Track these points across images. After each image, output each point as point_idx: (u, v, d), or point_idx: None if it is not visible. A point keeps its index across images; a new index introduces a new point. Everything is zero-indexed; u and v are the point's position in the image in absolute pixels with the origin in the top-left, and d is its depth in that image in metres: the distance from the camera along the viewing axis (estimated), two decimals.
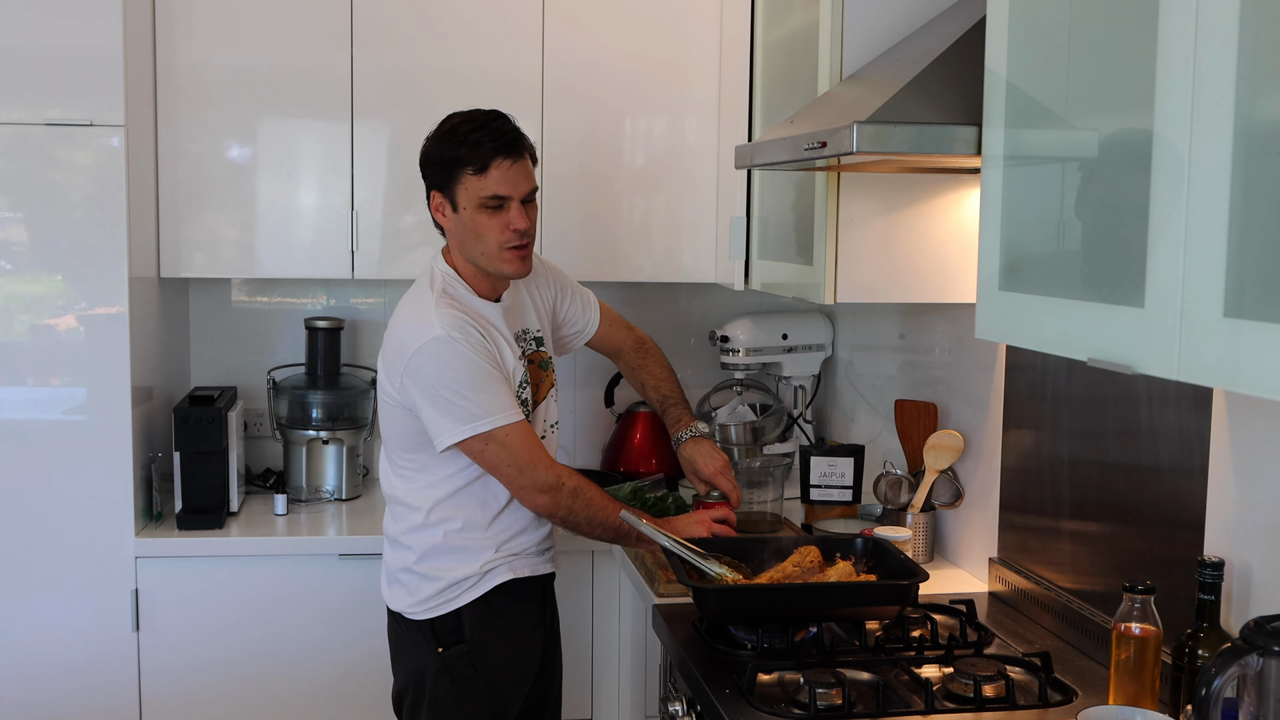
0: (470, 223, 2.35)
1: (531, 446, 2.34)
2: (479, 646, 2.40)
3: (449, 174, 2.34)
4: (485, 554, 2.41)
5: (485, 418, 2.30)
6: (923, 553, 2.75)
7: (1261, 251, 1.26)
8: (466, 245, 2.38)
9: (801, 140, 2.06)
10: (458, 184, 2.34)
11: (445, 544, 2.41)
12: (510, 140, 2.34)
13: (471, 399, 2.30)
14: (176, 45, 3.11)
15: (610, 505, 2.40)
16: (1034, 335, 1.67)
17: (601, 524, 2.40)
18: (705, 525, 2.47)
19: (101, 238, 2.89)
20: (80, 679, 2.95)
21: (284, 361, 3.51)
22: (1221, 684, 1.42)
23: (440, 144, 2.36)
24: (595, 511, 2.38)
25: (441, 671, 2.40)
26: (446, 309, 2.34)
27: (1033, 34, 1.69)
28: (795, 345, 3.43)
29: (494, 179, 2.32)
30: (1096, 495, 2.20)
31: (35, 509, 2.91)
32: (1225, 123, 1.27)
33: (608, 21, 3.23)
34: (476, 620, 2.40)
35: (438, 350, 2.30)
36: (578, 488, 2.37)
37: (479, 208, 2.33)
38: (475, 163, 2.31)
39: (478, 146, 2.31)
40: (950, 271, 2.47)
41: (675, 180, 3.32)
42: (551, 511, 2.38)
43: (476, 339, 2.33)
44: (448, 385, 2.30)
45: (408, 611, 2.44)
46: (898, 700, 1.94)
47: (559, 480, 2.35)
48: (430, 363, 2.30)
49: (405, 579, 2.45)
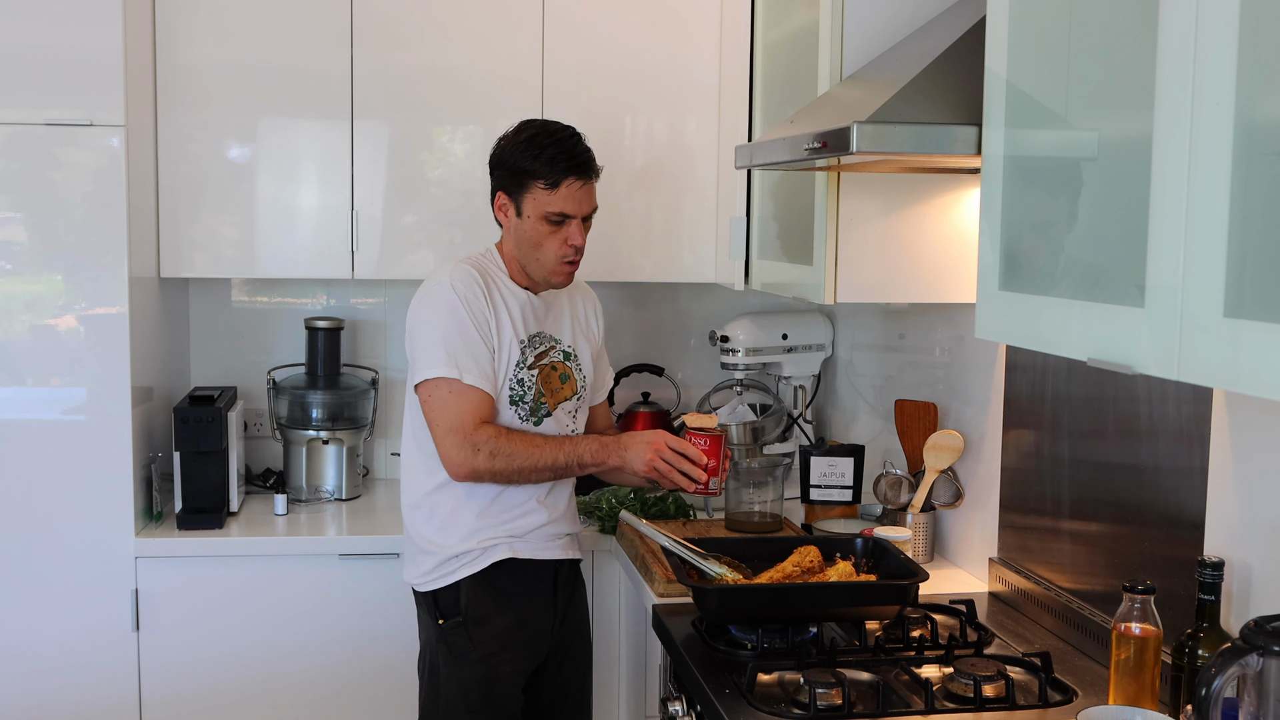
0: (532, 231, 2.43)
1: (463, 415, 2.38)
2: (475, 620, 2.46)
3: (519, 182, 2.43)
4: (486, 531, 2.46)
5: (441, 366, 2.38)
6: (923, 553, 2.75)
7: (1261, 251, 1.26)
8: (522, 249, 2.47)
9: (801, 140, 2.06)
10: (526, 193, 2.43)
11: (450, 518, 2.47)
12: (584, 161, 2.42)
13: (440, 346, 2.38)
14: (176, 45, 3.11)
15: (539, 447, 2.40)
16: (1034, 335, 1.67)
17: (534, 470, 2.40)
18: (653, 453, 2.37)
19: (101, 238, 2.89)
20: (80, 679, 2.95)
21: (284, 361, 3.51)
22: (1221, 684, 1.42)
23: (516, 151, 2.43)
24: (522, 462, 2.38)
25: (440, 642, 2.48)
26: (465, 265, 2.45)
27: (1033, 34, 1.69)
28: (795, 345, 3.42)
29: (562, 196, 2.41)
30: (1096, 495, 2.20)
31: (35, 509, 2.91)
32: (1225, 123, 1.27)
33: (608, 21, 3.23)
34: (473, 594, 2.47)
35: (435, 293, 2.42)
36: (494, 450, 2.37)
37: (542, 219, 2.42)
38: (548, 178, 2.40)
39: (552, 162, 2.39)
40: (950, 271, 2.47)
41: (675, 180, 3.32)
42: (472, 478, 2.40)
43: (476, 297, 2.41)
44: (430, 325, 2.40)
45: (415, 583, 2.54)
46: (898, 700, 1.94)
47: (474, 451, 2.36)
48: (423, 303, 2.44)
49: (411, 551, 2.55)
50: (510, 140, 2.46)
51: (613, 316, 3.69)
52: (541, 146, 2.40)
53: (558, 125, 2.47)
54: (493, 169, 2.50)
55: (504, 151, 2.46)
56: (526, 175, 2.41)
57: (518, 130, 2.47)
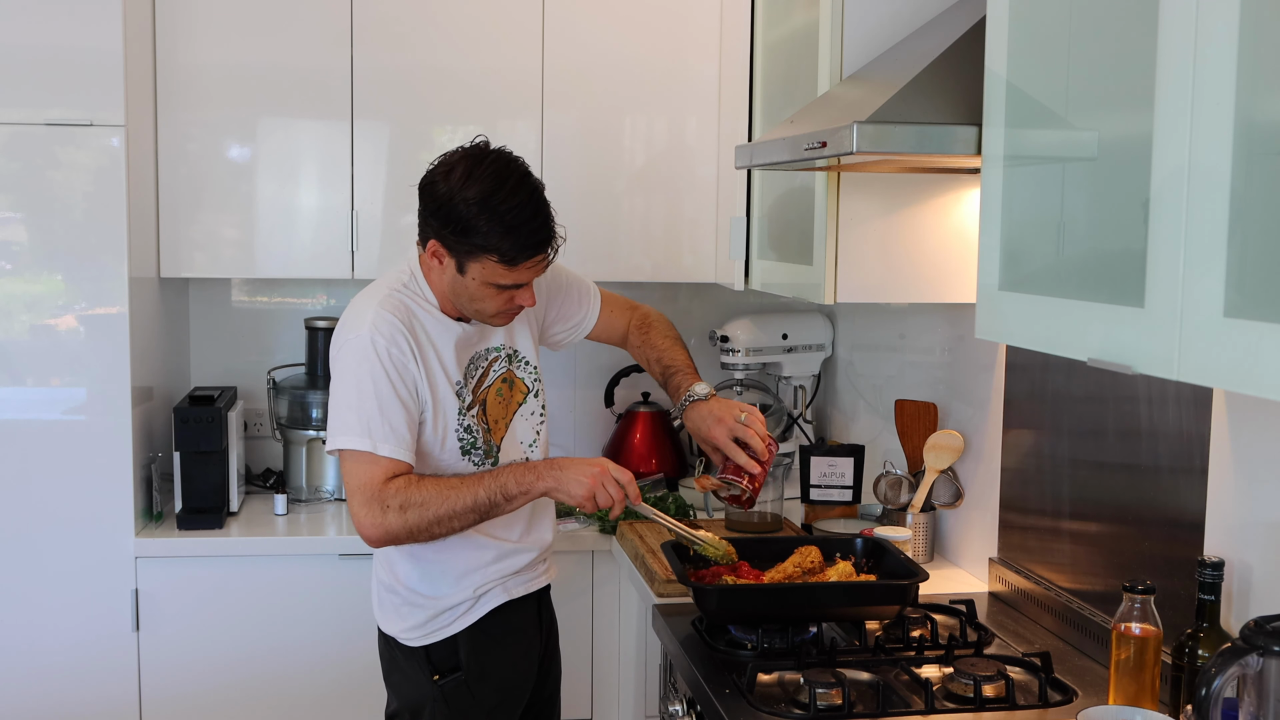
0: (476, 291, 2.16)
1: (373, 477, 2.10)
2: (477, 675, 2.28)
3: (467, 246, 2.11)
4: (474, 576, 2.26)
5: (353, 436, 2.11)
6: (923, 553, 2.75)
7: (1261, 251, 1.26)
8: (459, 299, 2.20)
9: (801, 140, 2.06)
10: (473, 260, 2.12)
11: (436, 566, 2.25)
12: (548, 237, 2.13)
13: (353, 412, 2.12)
14: (177, 45, 3.11)
15: (454, 488, 2.11)
16: (1034, 335, 1.67)
17: (454, 515, 2.11)
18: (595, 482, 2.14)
19: (101, 238, 2.89)
20: (80, 679, 2.95)
21: (284, 361, 3.51)
22: (1221, 684, 1.42)
23: (466, 210, 2.08)
24: (438, 508, 2.10)
25: (439, 700, 2.28)
26: (385, 313, 2.16)
27: (1033, 34, 1.69)
28: (795, 345, 3.43)
29: (518, 273, 2.14)
30: (1096, 495, 2.20)
31: (35, 509, 2.91)
32: (1225, 123, 1.27)
33: (608, 21, 3.23)
34: (473, 647, 2.28)
35: (354, 349, 2.14)
36: (404, 502, 2.09)
37: (489, 284, 2.15)
38: (506, 255, 2.10)
39: (516, 241, 2.09)
40: (950, 271, 2.47)
41: (675, 180, 3.32)
42: (387, 540, 2.13)
43: (401, 353, 2.14)
44: (346, 386, 2.14)
45: (401, 637, 2.30)
46: (898, 700, 1.94)
47: (383, 510, 2.09)
48: (341, 358, 2.17)
49: (394, 602, 2.31)
50: (457, 190, 2.09)
51: None
52: (500, 216, 2.07)
53: (515, 180, 2.11)
54: (429, 212, 2.14)
55: (446, 202, 2.09)
56: (479, 247, 2.09)
57: (465, 174, 2.09)
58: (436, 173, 2.15)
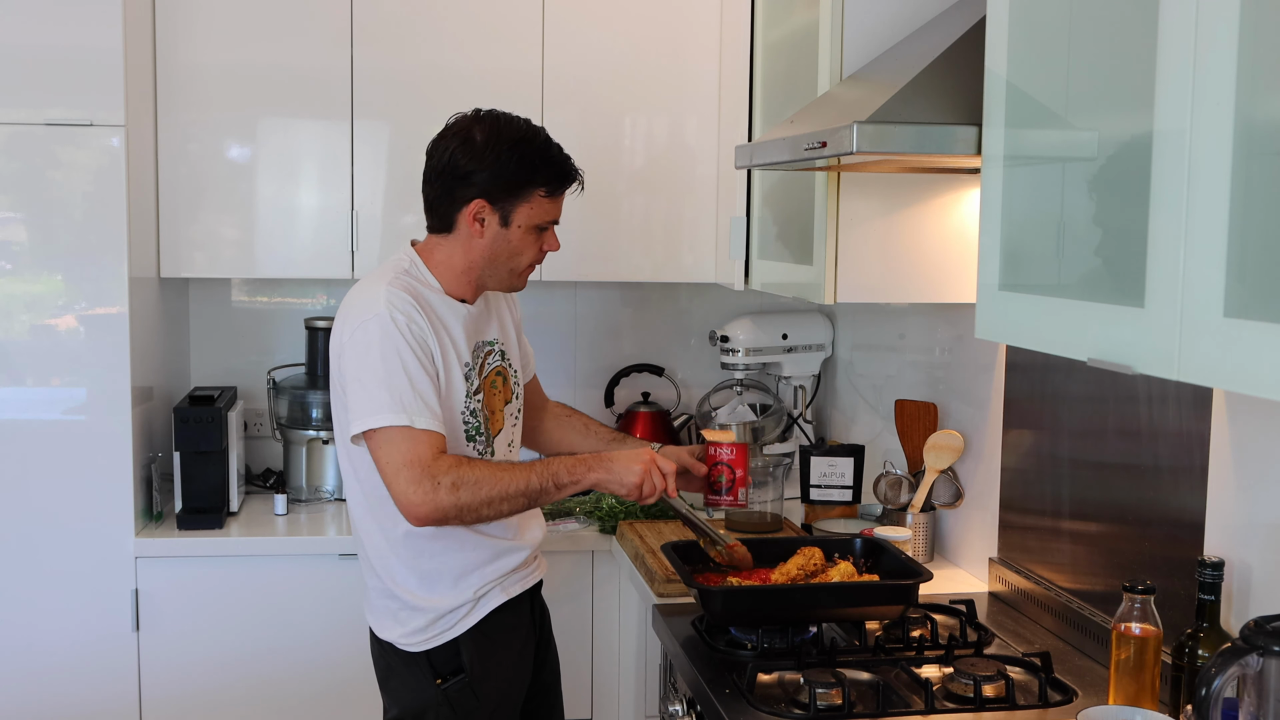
0: (518, 241, 2.22)
1: (418, 449, 2.07)
2: (480, 675, 2.26)
3: (517, 190, 2.18)
4: (472, 576, 2.24)
5: (388, 414, 2.08)
6: (923, 553, 2.75)
7: (1261, 251, 1.26)
8: (497, 261, 2.23)
9: (801, 140, 2.06)
10: (523, 202, 2.19)
11: (432, 569, 2.23)
12: (574, 166, 2.25)
13: (384, 388, 2.09)
14: (177, 45, 3.11)
15: (507, 471, 2.11)
16: (1034, 335, 1.67)
17: (505, 497, 2.10)
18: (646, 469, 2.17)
19: (101, 238, 2.89)
20: (80, 679, 2.95)
21: (284, 361, 3.51)
22: (1221, 684, 1.42)
23: (512, 156, 2.17)
24: (490, 489, 2.08)
25: (443, 704, 2.25)
26: (400, 290, 2.15)
27: (1033, 34, 1.69)
28: (795, 345, 3.43)
29: (557, 205, 2.24)
30: (1096, 495, 2.20)
31: (35, 509, 2.91)
32: (1225, 123, 1.27)
33: (608, 21, 3.23)
34: (475, 649, 2.26)
35: (373, 327, 2.11)
36: (457, 480, 2.06)
37: (532, 229, 2.22)
38: (553, 185, 2.20)
39: (558, 169, 2.20)
40: (950, 271, 2.47)
41: (675, 180, 3.32)
42: (436, 518, 2.09)
43: (418, 325, 2.14)
44: (371, 364, 2.10)
45: (399, 643, 2.26)
46: (898, 700, 1.94)
47: (435, 485, 2.06)
48: (358, 338, 2.13)
49: (391, 608, 2.27)
50: (490, 145, 2.16)
51: (613, 316, 3.70)
52: (538, 151, 2.19)
53: (526, 123, 2.23)
54: (464, 178, 2.18)
55: (485, 155, 2.16)
56: (526, 184, 2.18)
57: (488, 131, 2.18)
58: (453, 144, 2.20)
